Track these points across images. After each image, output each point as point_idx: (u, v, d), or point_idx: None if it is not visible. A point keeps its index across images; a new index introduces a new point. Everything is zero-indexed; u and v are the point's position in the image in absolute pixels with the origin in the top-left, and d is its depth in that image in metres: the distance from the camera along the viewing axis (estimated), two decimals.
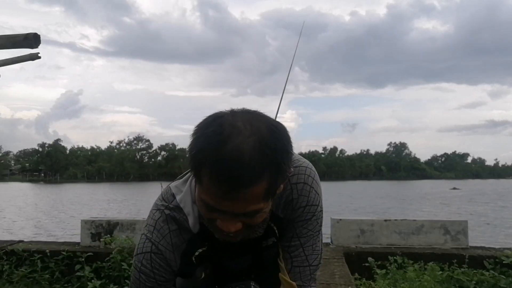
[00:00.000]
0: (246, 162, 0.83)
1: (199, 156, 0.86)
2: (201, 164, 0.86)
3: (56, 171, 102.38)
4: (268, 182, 0.86)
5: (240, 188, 0.84)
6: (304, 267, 1.14)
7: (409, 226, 4.18)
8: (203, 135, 0.87)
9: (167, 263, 1.08)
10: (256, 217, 0.93)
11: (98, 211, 22.15)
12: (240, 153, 0.83)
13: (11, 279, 3.86)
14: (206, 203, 0.90)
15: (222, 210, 0.89)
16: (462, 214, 19.43)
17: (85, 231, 4.41)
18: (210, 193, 0.87)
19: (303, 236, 1.12)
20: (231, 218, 0.91)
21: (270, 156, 0.85)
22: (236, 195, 0.85)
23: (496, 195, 36.94)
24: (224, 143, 0.84)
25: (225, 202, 0.87)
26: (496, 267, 3.63)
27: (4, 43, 3.36)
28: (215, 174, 0.84)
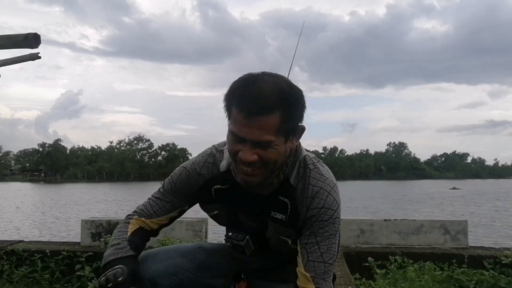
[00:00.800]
0: (264, 96, 1.11)
1: (231, 94, 1.16)
2: (232, 99, 1.15)
3: (56, 171, 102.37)
4: (280, 117, 1.12)
5: (257, 115, 1.10)
6: (319, 263, 1.23)
7: (409, 226, 4.18)
8: (236, 81, 1.17)
9: (189, 181, 1.37)
10: (269, 151, 1.15)
11: (98, 211, 22.15)
12: (260, 90, 1.12)
13: (11, 279, 3.86)
14: (232, 133, 1.16)
15: (243, 137, 1.14)
16: (462, 214, 19.44)
17: (85, 231, 4.42)
18: (235, 122, 1.14)
19: (320, 235, 1.24)
20: (249, 149, 1.14)
21: (284, 98, 1.13)
22: (253, 122, 1.10)
23: (496, 195, 36.93)
24: (251, 84, 1.14)
25: (245, 129, 1.12)
26: (495, 267, 3.63)
27: (4, 43, 3.37)
28: (239, 105, 1.12)
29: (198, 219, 4.50)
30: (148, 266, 1.38)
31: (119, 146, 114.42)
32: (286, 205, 1.27)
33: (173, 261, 1.42)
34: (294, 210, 1.26)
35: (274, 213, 1.28)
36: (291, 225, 1.27)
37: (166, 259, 1.42)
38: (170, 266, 1.41)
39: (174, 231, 4.31)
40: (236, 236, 1.36)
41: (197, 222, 4.40)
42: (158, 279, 1.37)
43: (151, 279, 1.36)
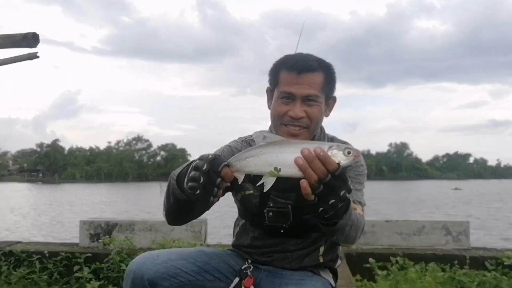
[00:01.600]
0: (310, 59, 1.39)
1: (279, 62, 1.43)
2: (281, 65, 1.41)
3: (54, 171, 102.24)
4: (323, 77, 1.38)
5: (306, 71, 1.35)
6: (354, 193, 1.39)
7: (410, 227, 4.16)
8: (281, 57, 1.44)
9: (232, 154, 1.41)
10: (314, 107, 1.38)
11: (97, 211, 22.11)
12: (306, 56, 1.41)
13: (9, 280, 3.83)
14: (282, 93, 1.38)
15: (293, 93, 1.35)
16: (463, 214, 19.44)
17: (84, 232, 4.39)
18: (286, 82, 1.37)
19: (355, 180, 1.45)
20: (299, 105, 1.36)
21: (325, 64, 1.41)
22: (303, 78, 1.34)
23: (498, 196, 36.97)
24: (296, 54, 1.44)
25: (296, 86, 1.35)
26: (497, 268, 3.61)
27: (2, 42, 3.34)
28: (290, 66, 1.37)
29: (198, 220, 4.47)
30: (148, 267, 1.38)
31: (118, 146, 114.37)
32: None
33: (174, 263, 1.42)
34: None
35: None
36: None
37: (167, 261, 1.41)
38: (171, 268, 1.40)
39: (174, 232, 4.28)
40: (279, 204, 1.44)
41: (197, 223, 4.37)
42: (159, 281, 1.37)
43: (151, 280, 1.36)
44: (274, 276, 1.50)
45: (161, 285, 1.38)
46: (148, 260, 1.41)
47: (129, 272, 1.40)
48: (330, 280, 1.53)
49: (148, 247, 4.17)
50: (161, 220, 4.48)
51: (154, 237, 4.28)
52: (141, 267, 1.38)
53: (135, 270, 1.39)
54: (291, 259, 1.51)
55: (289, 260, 1.51)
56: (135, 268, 1.39)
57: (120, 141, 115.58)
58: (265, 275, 1.51)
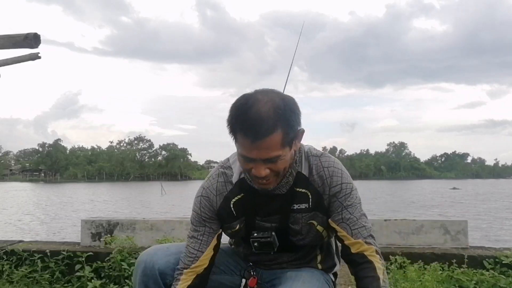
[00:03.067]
0: (264, 119, 1.21)
1: (233, 121, 1.25)
2: (235, 126, 1.25)
3: (56, 171, 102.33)
4: (281, 133, 1.23)
5: (261, 137, 1.20)
6: (361, 228, 1.38)
7: (409, 226, 4.18)
8: (235, 107, 1.27)
9: (211, 204, 1.45)
10: (278, 163, 1.28)
11: (98, 211, 22.15)
12: (259, 114, 1.21)
13: (11, 279, 3.86)
14: (242, 155, 1.28)
15: (253, 158, 1.25)
16: (462, 214, 19.43)
17: (85, 231, 4.41)
18: (243, 146, 1.25)
19: (350, 207, 1.39)
20: (260, 165, 1.26)
21: (281, 114, 1.23)
22: (259, 144, 1.21)
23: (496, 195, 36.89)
24: (249, 109, 1.23)
25: (254, 151, 1.24)
26: (496, 267, 3.62)
27: (4, 43, 3.36)
28: (243, 132, 1.22)
29: None
30: (159, 257, 1.45)
31: (119, 146, 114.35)
32: (306, 195, 1.40)
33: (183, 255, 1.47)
34: (315, 195, 1.40)
35: (296, 205, 1.41)
36: (316, 209, 1.41)
37: (177, 253, 1.47)
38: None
39: (174, 231, 4.31)
40: (263, 234, 1.43)
41: None
42: (169, 271, 1.44)
43: (161, 270, 1.43)
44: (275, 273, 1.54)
45: (171, 276, 1.43)
46: (159, 251, 1.47)
47: (140, 262, 1.45)
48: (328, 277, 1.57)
49: (149, 246, 4.20)
50: (162, 219, 4.51)
51: (155, 236, 4.30)
52: (152, 257, 1.44)
53: (145, 260, 1.44)
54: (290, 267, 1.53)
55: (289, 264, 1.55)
56: (145, 258, 1.45)
57: (121, 141, 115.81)
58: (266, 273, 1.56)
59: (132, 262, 3.74)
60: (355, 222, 1.38)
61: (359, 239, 1.37)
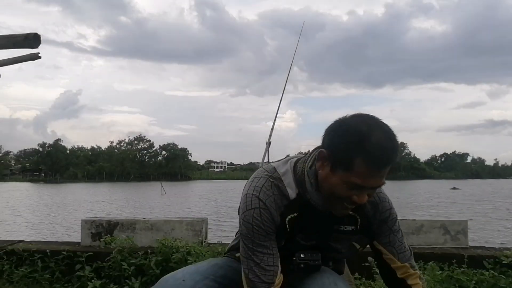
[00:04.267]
0: (389, 148, 1.18)
1: (354, 147, 1.18)
2: (356, 153, 1.17)
3: (56, 171, 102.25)
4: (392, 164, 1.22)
5: (386, 167, 1.19)
6: (405, 252, 1.47)
7: (409, 226, 4.18)
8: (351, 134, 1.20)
9: (272, 218, 1.34)
10: (377, 190, 1.33)
11: (98, 211, 22.15)
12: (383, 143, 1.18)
13: (11, 279, 3.86)
14: (353, 183, 1.21)
15: (366, 186, 1.22)
16: (462, 213, 19.44)
17: (86, 231, 4.42)
18: (362, 175, 1.19)
19: (396, 231, 1.46)
20: (365, 194, 1.25)
21: (396, 144, 1.22)
22: (381, 173, 1.20)
23: (496, 195, 36.89)
24: (370, 137, 1.18)
25: (371, 180, 1.20)
26: (495, 267, 3.62)
27: (4, 43, 3.37)
28: (371, 160, 1.17)
29: (198, 219, 4.51)
30: None
31: (119, 146, 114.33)
32: (354, 218, 1.41)
33: (200, 285, 1.42)
34: (364, 219, 1.42)
35: (342, 227, 1.41)
36: (362, 232, 1.44)
37: (194, 285, 1.42)
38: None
39: (174, 231, 4.31)
40: (311, 256, 1.42)
41: (197, 222, 4.41)
42: None
43: None
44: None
45: None
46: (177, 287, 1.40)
47: None
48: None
49: (149, 246, 4.20)
50: (162, 219, 4.51)
51: (155, 236, 4.31)
52: None
53: None
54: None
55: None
56: None
57: (122, 141, 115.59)
58: None
59: (132, 262, 3.75)
60: (400, 246, 1.46)
61: (405, 263, 1.45)
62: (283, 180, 1.38)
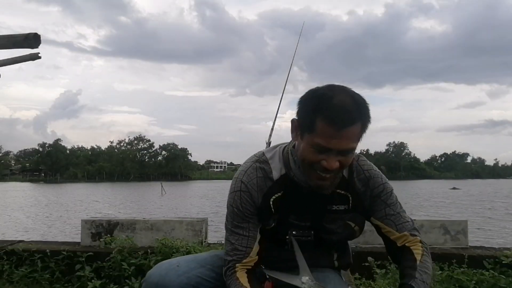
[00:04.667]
0: (349, 109, 1.22)
1: (315, 108, 1.24)
2: (316, 113, 1.23)
3: (56, 171, 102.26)
4: (360, 125, 1.26)
5: (347, 126, 1.21)
6: (405, 223, 1.44)
7: None
8: (314, 97, 1.27)
9: (252, 199, 1.39)
10: (349, 156, 1.30)
11: (98, 211, 22.15)
12: (344, 103, 1.22)
13: (11, 279, 3.86)
14: (317, 145, 1.25)
15: (330, 148, 1.24)
16: (462, 213, 19.43)
17: (85, 231, 4.42)
18: (323, 135, 1.23)
19: (392, 204, 1.44)
20: (334, 157, 1.26)
21: (362, 109, 1.26)
22: (343, 133, 1.22)
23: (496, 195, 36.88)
24: (335, 97, 1.23)
25: (334, 141, 1.23)
26: (495, 267, 3.62)
27: (4, 43, 3.37)
28: (329, 118, 1.21)
29: (198, 219, 4.50)
30: (171, 279, 1.39)
31: (119, 146, 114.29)
32: (346, 196, 1.43)
33: (195, 272, 1.43)
34: (356, 197, 1.43)
35: (335, 206, 1.43)
36: (355, 210, 1.44)
37: (188, 271, 1.43)
38: (192, 278, 1.42)
39: (174, 231, 4.31)
40: (303, 233, 1.43)
41: (197, 222, 4.41)
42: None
43: None
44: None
45: None
46: (170, 271, 1.41)
47: (151, 285, 1.40)
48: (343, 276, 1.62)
49: (149, 246, 4.20)
50: (161, 219, 4.51)
51: (155, 236, 4.30)
52: (164, 279, 1.38)
53: (157, 282, 1.39)
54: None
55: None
56: (157, 280, 1.39)
57: (122, 141, 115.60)
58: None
59: (132, 262, 3.74)
60: (399, 218, 1.44)
61: (404, 232, 1.42)
62: (270, 163, 1.43)
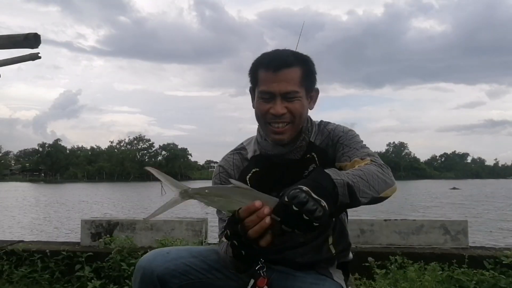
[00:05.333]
0: (285, 55, 1.37)
1: (256, 63, 1.41)
2: (257, 65, 1.40)
3: (56, 171, 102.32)
4: (300, 71, 1.36)
5: (282, 67, 1.33)
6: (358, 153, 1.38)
7: (409, 226, 4.18)
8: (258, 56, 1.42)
9: (229, 176, 1.50)
10: (295, 102, 1.36)
11: (98, 211, 22.15)
12: (281, 52, 1.40)
13: (11, 279, 3.86)
14: (262, 93, 1.37)
15: (272, 92, 1.35)
16: (462, 213, 19.43)
17: (85, 231, 4.41)
18: (264, 81, 1.36)
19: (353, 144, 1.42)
20: (279, 102, 1.35)
21: (301, 58, 1.39)
22: (279, 75, 1.33)
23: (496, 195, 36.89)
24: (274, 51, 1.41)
25: (273, 84, 1.34)
26: (496, 267, 3.62)
27: (4, 43, 3.37)
28: (265, 65, 1.36)
29: (198, 219, 4.50)
30: (158, 264, 1.38)
31: (119, 146, 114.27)
32: (312, 157, 1.46)
33: (185, 260, 1.42)
34: (320, 153, 1.46)
35: (306, 171, 1.43)
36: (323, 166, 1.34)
37: (177, 258, 1.41)
38: (181, 265, 1.40)
39: (174, 231, 4.31)
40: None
41: (197, 222, 4.40)
42: (168, 278, 1.37)
43: (160, 277, 1.36)
44: (286, 279, 1.46)
45: (170, 282, 1.38)
46: (158, 256, 1.41)
47: (139, 268, 1.40)
48: (342, 284, 1.50)
49: (149, 246, 4.20)
50: (161, 219, 4.51)
51: (155, 236, 4.30)
52: (151, 263, 1.38)
53: (144, 266, 1.39)
54: (303, 253, 1.47)
55: (300, 254, 1.47)
56: (144, 264, 1.39)
57: (122, 141, 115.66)
58: (277, 276, 1.47)
59: (132, 262, 3.74)
60: (354, 151, 1.38)
61: (355, 159, 1.36)
62: (247, 148, 1.56)
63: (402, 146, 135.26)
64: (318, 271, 1.48)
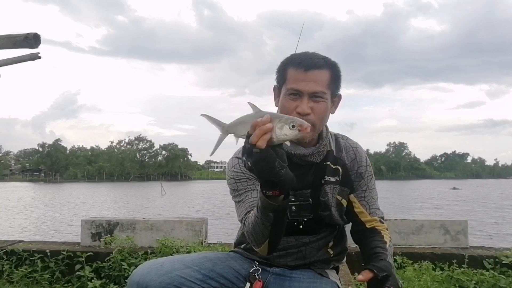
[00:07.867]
0: (317, 56, 1.43)
1: (286, 61, 1.45)
2: (287, 64, 1.44)
3: (56, 171, 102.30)
4: (329, 74, 1.42)
5: (312, 69, 1.38)
6: (377, 210, 1.55)
7: (409, 226, 4.18)
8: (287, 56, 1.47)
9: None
10: (321, 103, 1.41)
11: (98, 211, 22.15)
12: (312, 54, 1.44)
13: (11, 279, 3.86)
14: (290, 90, 1.40)
15: (300, 90, 1.39)
16: (462, 214, 19.43)
17: (85, 231, 4.42)
18: (292, 79, 1.40)
19: (371, 188, 1.56)
20: (305, 101, 1.38)
21: (331, 62, 1.44)
22: (309, 75, 1.38)
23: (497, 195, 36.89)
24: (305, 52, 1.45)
25: (302, 82, 1.38)
26: (496, 267, 3.63)
27: (4, 43, 3.36)
28: (296, 64, 1.40)
29: (198, 219, 4.50)
30: (152, 278, 1.35)
31: (119, 146, 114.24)
32: (337, 170, 1.51)
33: (179, 272, 1.39)
34: (345, 170, 1.51)
35: (327, 177, 1.49)
36: (343, 184, 1.51)
37: (171, 270, 1.39)
38: (176, 277, 1.37)
39: (174, 231, 4.31)
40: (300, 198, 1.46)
41: (197, 222, 4.41)
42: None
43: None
44: (283, 280, 1.48)
45: None
46: (152, 270, 1.38)
47: (132, 284, 1.37)
48: (338, 283, 1.53)
49: (149, 246, 4.20)
50: (161, 219, 4.51)
51: (155, 236, 4.31)
52: (145, 278, 1.35)
53: (138, 281, 1.35)
54: (305, 253, 1.52)
55: (302, 254, 1.52)
56: (138, 279, 1.36)
57: (121, 141, 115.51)
58: (273, 278, 1.49)
59: (132, 262, 3.75)
60: (373, 203, 1.54)
61: (375, 217, 1.51)
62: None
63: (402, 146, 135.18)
64: (314, 271, 1.52)
